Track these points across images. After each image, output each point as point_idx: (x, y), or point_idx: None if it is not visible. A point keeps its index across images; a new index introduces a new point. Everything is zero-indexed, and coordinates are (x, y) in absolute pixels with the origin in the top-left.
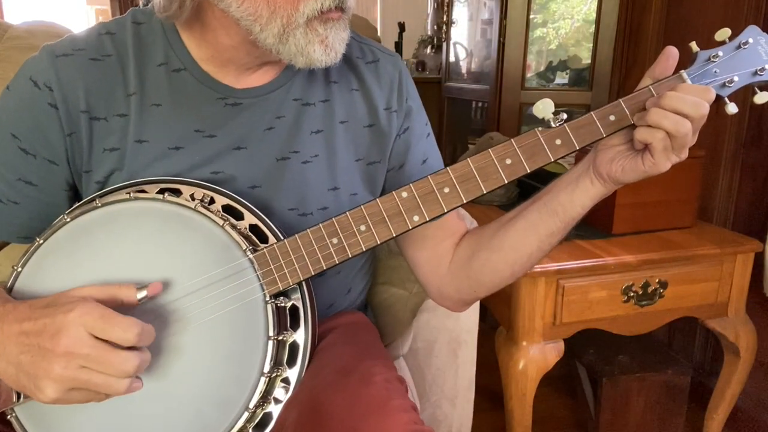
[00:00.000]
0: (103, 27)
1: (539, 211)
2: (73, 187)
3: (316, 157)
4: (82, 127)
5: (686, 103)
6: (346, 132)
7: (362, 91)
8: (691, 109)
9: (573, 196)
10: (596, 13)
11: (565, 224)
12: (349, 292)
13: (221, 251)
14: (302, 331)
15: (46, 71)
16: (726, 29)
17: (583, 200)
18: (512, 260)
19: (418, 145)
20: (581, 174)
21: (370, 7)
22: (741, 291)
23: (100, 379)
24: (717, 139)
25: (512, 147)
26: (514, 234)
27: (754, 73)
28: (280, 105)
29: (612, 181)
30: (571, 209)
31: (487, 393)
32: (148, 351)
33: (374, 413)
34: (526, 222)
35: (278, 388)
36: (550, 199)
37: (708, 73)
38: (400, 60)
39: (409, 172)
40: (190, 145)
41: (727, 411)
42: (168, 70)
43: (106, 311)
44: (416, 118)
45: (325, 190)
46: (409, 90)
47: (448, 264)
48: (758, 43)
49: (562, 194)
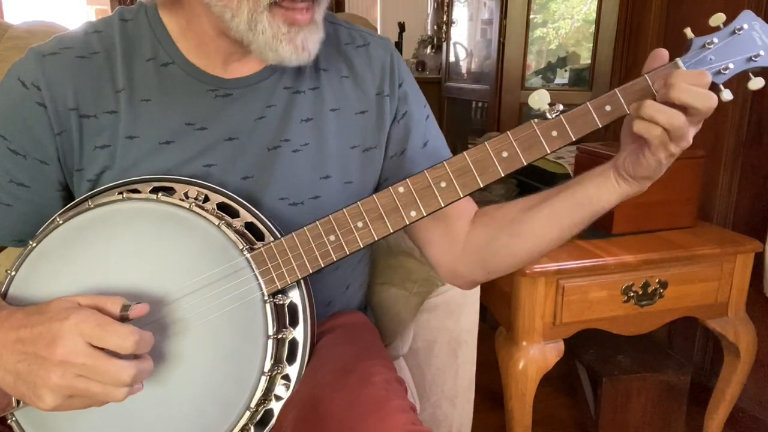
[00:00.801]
0: (90, 26)
1: (566, 201)
2: (65, 187)
3: (306, 145)
4: (72, 125)
5: (683, 92)
6: (337, 119)
7: (352, 78)
8: (689, 98)
9: (600, 191)
10: (596, 13)
11: (590, 217)
12: (347, 289)
13: (218, 251)
14: (301, 328)
15: (33, 71)
16: (720, 14)
17: (609, 197)
18: (531, 246)
19: (418, 128)
20: (606, 169)
21: (370, 7)
22: (741, 291)
23: (97, 387)
24: (717, 139)
25: (509, 139)
26: (537, 221)
27: (749, 59)
28: (270, 94)
29: (631, 177)
30: (597, 203)
31: (487, 393)
32: (149, 358)
33: (373, 413)
34: (551, 210)
35: (279, 386)
36: (578, 191)
37: (703, 60)
38: (391, 44)
39: (411, 157)
40: (181, 139)
41: (727, 411)
42: (156, 64)
43: (103, 319)
44: (413, 101)
45: (317, 178)
46: (402, 74)
47: (462, 244)
48: (753, 28)
49: (591, 187)
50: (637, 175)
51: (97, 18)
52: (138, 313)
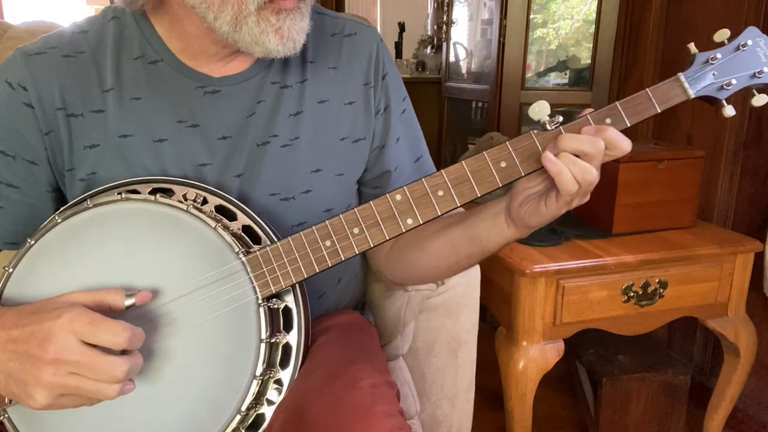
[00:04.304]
0: (76, 26)
1: (462, 234)
2: (56, 188)
3: (296, 139)
4: (60, 125)
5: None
6: (327, 111)
7: (339, 68)
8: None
9: (490, 233)
10: (596, 13)
11: (480, 254)
12: (339, 283)
13: (213, 253)
14: (295, 333)
15: (19, 71)
16: (725, 30)
17: (498, 239)
18: (435, 266)
19: (396, 124)
20: (499, 212)
21: (370, 7)
22: (741, 291)
23: (90, 385)
24: (717, 139)
25: (507, 150)
26: (438, 245)
27: (753, 76)
28: (259, 90)
29: (522, 225)
30: (486, 243)
31: (487, 393)
32: (139, 354)
33: (357, 419)
34: (446, 239)
35: (271, 390)
36: (470, 225)
37: (705, 75)
38: (378, 34)
39: (387, 152)
40: (173, 136)
41: (727, 411)
42: (145, 62)
43: (95, 316)
44: (393, 95)
45: (308, 172)
46: (387, 65)
47: (388, 249)
48: (757, 45)
49: (481, 226)
50: (531, 223)
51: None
52: (142, 299)
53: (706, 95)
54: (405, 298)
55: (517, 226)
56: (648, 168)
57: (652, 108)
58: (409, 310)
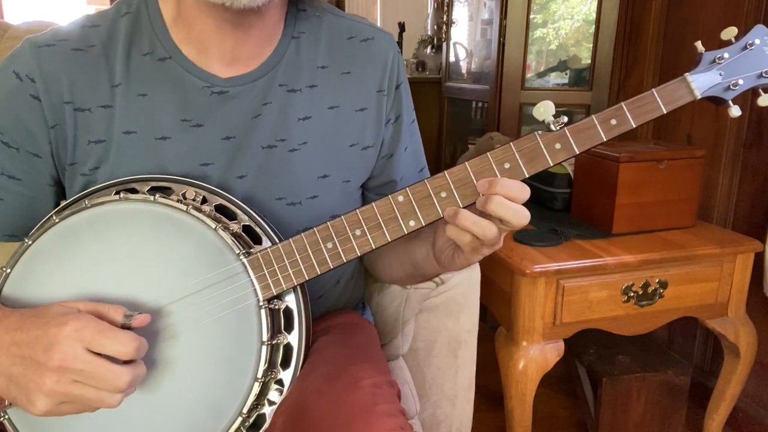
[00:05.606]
0: (87, 19)
1: (405, 255)
2: (58, 182)
3: (304, 144)
4: (66, 119)
5: (499, 206)
6: (336, 117)
7: (353, 74)
8: (505, 213)
9: (425, 264)
10: (596, 13)
11: (422, 278)
12: (337, 283)
13: (214, 255)
14: (296, 333)
15: (28, 62)
16: (732, 28)
17: (432, 270)
18: (404, 273)
19: (406, 134)
20: (430, 248)
21: (370, 7)
22: (741, 291)
23: (92, 393)
24: (717, 139)
25: (511, 151)
26: (398, 254)
27: (760, 76)
28: (266, 91)
29: (444, 267)
30: (424, 270)
31: (487, 393)
32: (142, 363)
33: (358, 419)
34: (403, 252)
35: (272, 391)
36: (412, 249)
37: (712, 75)
38: (394, 40)
39: (396, 161)
40: (177, 135)
41: (727, 411)
42: (154, 59)
43: (103, 325)
44: (405, 105)
45: (315, 178)
46: (401, 73)
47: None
48: (765, 43)
49: (418, 254)
50: (451, 268)
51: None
52: (141, 322)
53: (712, 96)
54: (403, 296)
55: (441, 265)
56: (648, 168)
57: (658, 109)
58: (408, 308)
